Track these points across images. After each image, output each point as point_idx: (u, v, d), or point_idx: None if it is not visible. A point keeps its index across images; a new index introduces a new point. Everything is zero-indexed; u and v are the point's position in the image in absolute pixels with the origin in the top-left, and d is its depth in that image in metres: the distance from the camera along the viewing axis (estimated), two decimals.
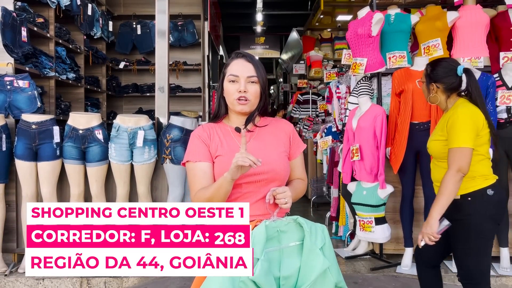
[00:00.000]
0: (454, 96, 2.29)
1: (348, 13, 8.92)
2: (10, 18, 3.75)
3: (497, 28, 3.77)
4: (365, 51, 3.79)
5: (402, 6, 4.14)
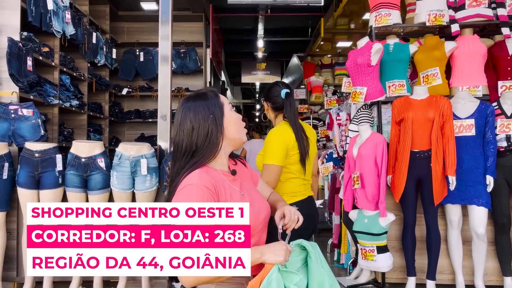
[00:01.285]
0: (280, 116, 2.58)
1: (348, 39, 9.06)
2: (16, 48, 3.83)
3: (494, 58, 3.83)
4: (364, 80, 3.84)
5: (401, 35, 4.21)
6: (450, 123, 3.46)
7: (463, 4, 3.83)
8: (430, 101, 3.57)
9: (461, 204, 3.53)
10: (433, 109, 3.48)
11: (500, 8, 3.75)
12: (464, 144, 3.52)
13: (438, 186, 3.42)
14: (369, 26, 4.08)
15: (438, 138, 3.44)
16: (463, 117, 3.56)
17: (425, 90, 3.63)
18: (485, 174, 3.46)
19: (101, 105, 6.22)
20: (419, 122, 3.50)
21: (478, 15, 3.77)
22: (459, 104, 3.61)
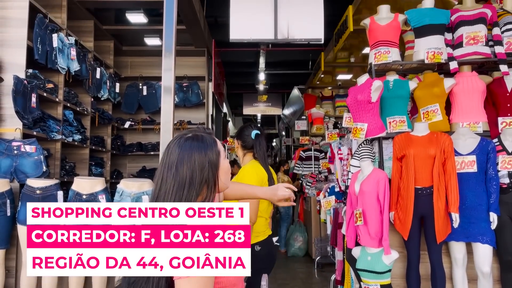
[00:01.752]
0: (249, 155, 2.78)
1: (348, 72, 9.18)
2: (21, 86, 3.89)
3: (494, 94, 3.87)
4: (365, 117, 3.87)
5: (400, 72, 4.27)
6: (451, 159, 3.46)
7: (460, 42, 3.90)
8: (431, 137, 3.58)
9: (465, 241, 3.49)
10: (434, 146, 3.49)
11: (498, 46, 3.81)
12: (466, 181, 3.51)
13: (441, 224, 3.39)
14: (369, 63, 4.14)
15: (440, 175, 3.44)
16: (464, 154, 3.56)
17: (426, 126, 3.65)
18: (489, 211, 3.43)
19: (103, 138, 6.26)
20: (420, 158, 3.50)
21: (476, 53, 3.83)
22: (460, 141, 3.62)
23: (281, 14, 4.25)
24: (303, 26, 4.24)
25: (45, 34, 4.35)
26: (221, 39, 7.84)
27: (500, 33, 3.86)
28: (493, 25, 3.88)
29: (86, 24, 5.75)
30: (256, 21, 4.25)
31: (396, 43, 4.07)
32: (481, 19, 3.86)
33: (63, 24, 4.90)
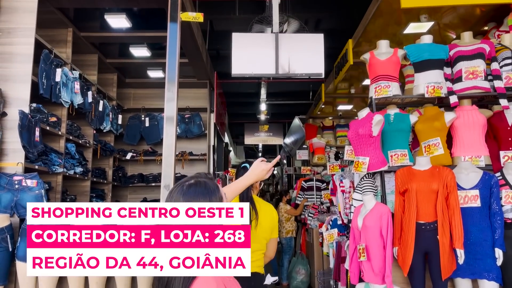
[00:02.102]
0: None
1: (349, 103, 9.25)
2: (26, 120, 3.92)
3: (494, 128, 3.88)
4: (367, 150, 3.88)
5: (401, 105, 4.30)
6: (454, 194, 3.44)
7: (460, 76, 3.94)
8: (433, 172, 3.57)
9: (471, 278, 3.42)
10: (436, 180, 3.48)
11: (497, 81, 3.84)
12: (470, 216, 3.47)
13: (446, 260, 3.33)
14: (369, 97, 4.17)
15: (444, 210, 3.41)
16: (467, 188, 3.54)
17: (428, 160, 3.65)
18: (494, 247, 3.38)
19: (104, 170, 6.25)
20: (423, 193, 3.48)
21: (475, 87, 3.86)
22: (463, 175, 3.60)
23: (282, 50, 4.32)
24: (304, 61, 4.30)
25: (50, 69, 4.42)
26: (223, 71, 7.95)
27: (499, 68, 3.91)
28: (491, 60, 3.93)
29: (90, 58, 5.85)
30: (258, 56, 4.31)
31: (396, 78, 4.12)
32: (479, 54, 3.91)
33: (67, 59, 4.98)
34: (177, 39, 4.39)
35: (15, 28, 4.17)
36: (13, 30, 4.17)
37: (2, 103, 3.95)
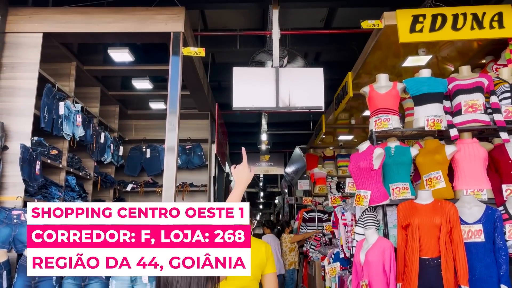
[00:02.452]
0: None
1: (349, 133, 9.27)
2: (28, 154, 3.93)
3: (496, 161, 3.86)
4: (368, 184, 3.85)
5: (401, 138, 4.30)
6: (458, 228, 3.39)
7: (459, 109, 3.96)
8: (435, 206, 3.53)
9: None
10: (439, 215, 3.44)
11: (497, 114, 3.86)
12: (474, 251, 3.42)
13: None
14: (370, 130, 4.18)
15: (447, 245, 3.35)
16: (470, 222, 3.50)
17: (430, 194, 3.62)
18: (499, 283, 3.31)
19: (105, 202, 6.21)
20: (426, 228, 3.43)
21: (475, 120, 3.87)
22: (465, 209, 3.57)
23: (282, 83, 4.37)
24: (304, 95, 4.34)
25: (52, 103, 4.46)
26: (225, 101, 8.02)
27: (498, 101, 3.93)
28: (490, 93, 3.96)
29: (93, 90, 5.92)
30: (258, 90, 4.36)
31: (395, 111, 4.14)
32: (478, 88, 3.94)
33: (70, 92, 5.04)
34: (179, 72, 4.46)
35: (19, 63, 4.24)
36: (17, 65, 4.24)
37: (4, 137, 3.97)
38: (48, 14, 4.46)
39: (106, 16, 4.45)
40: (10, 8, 4.40)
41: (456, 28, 4.32)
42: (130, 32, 4.51)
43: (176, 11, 4.51)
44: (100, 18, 4.44)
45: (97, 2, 4.48)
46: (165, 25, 4.48)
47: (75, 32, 4.48)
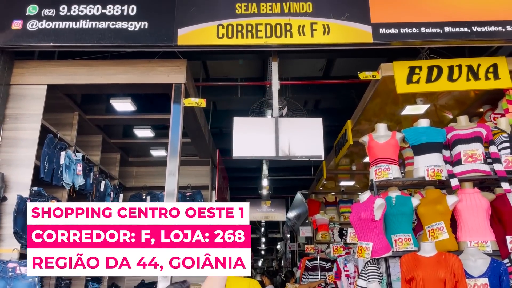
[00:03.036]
0: None
1: (351, 179, 9.24)
2: (23, 205, 3.90)
3: (498, 212, 3.82)
4: (370, 235, 3.79)
5: (402, 187, 4.28)
6: (463, 283, 3.30)
7: (459, 159, 3.96)
8: (439, 258, 3.46)
9: None
10: (443, 268, 3.36)
11: (497, 164, 3.85)
12: None
13: None
14: (370, 180, 4.17)
15: None
16: (475, 276, 3.41)
17: (433, 246, 3.55)
18: None
19: None
20: (430, 282, 3.34)
21: (475, 170, 3.86)
22: (470, 261, 3.49)
23: (282, 133, 4.41)
24: (304, 145, 4.37)
25: (53, 153, 4.48)
26: (226, 147, 8.05)
27: (498, 151, 3.93)
28: (489, 143, 3.97)
29: (94, 139, 5.97)
30: (258, 139, 4.40)
31: (395, 160, 4.14)
32: (476, 138, 3.96)
33: (72, 141, 5.08)
34: (180, 121, 4.52)
35: (23, 114, 4.31)
36: (21, 116, 4.31)
37: (3, 188, 3.96)
38: (53, 67, 4.58)
39: (109, 69, 4.57)
40: (16, 61, 4.52)
41: (452, 79, 4.40)
42: (133, 84, 4.61)
43: (178, 63, 4.63)
44: (104, 70, 4.56)
45: (101, 55, 4.60)
46: (167, 76, 4.59)
47: (79, 83, 4.58)
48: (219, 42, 4.29)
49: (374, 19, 4.31)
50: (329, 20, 4.29)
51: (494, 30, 4.24)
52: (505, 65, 4.40)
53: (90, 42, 4.29)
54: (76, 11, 4.35)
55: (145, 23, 4.33)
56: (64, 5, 4.37)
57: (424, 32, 4.26)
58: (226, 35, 4.28)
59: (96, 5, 4.38)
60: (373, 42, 4.27)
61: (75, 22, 4.31)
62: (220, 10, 4.38)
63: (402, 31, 4.26)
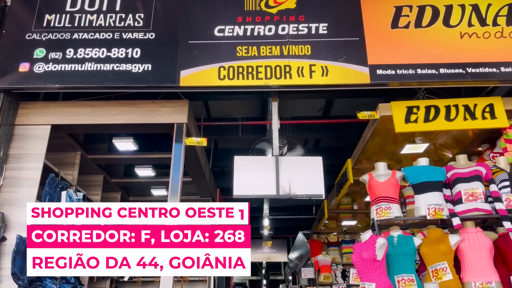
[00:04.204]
0: None
1: (353, 218, 9.17)
2: (23, 246, 3.86)
3: (502, 252, 3.78)
4: (372, 276, 3.73)
5: (403, 227, 4.25)
6: None
7: (460, 198, 3.96)
8: None
9: None
10: None
11: (498, 203, 3.84)
12: None
13: None
14: (371, 219, 4.15)
15: None
16: None
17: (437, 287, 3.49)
18: None
19: None
20: None
21: (476, 209, 3.85)
22: None
23: (282, 172, 4.44)
24: (304, 183, 4.39)
25: (54, 192, 4.49)
26: (227, 186, 8.06)
27: (498, 190, 3.94)
28: (489, 182, 3.98)
29: (95, 178, 6.00)
30: (259, 178, 4.42)
31: (396, 199, 4.14)
32: (476, 177, 3.97)
33: (73, 181, 5.10)
34: (181, 160, 4.55)
35: (26, 154, 4.35)
36: (23, 155, 4.34)
37: (3, 228, 3.94)
38: (57, 107, 4.67)
39: (112, 109, 4.65)
40: (21, 102, 4.61)
41: (449, 118, 4.47)
42: (135, 124, 4.68)
43: (180, 104, 4.72)
44: (107, 110, 4.64)
45: (105, 96, 4.70)
46: (169, 116, 4.67)
47: (82, 124, 4.65)
48: (220, 83, 4.40)
49: (371, 60, 4.43)
50: (327, 62, 4.41)
51: (489, 71, 4.35)
52: (501, 104, 4.48)
53: (94, 83, 4.40)
54: (82, 54, 4.49)
55: (149, 65, 4.46)
56: (71, 48, 4.52)
57: (420, 73, 4.37)
58: (227, 76, 4.40)
59: (101, 48, 4.52)
60: (371, 83, 4.37)
61: (81, 65, 4.44)
62: (222, 53, 4.51)
63: (398, 72, 4.37)
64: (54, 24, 4.66)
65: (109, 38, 4.59)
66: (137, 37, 4.60)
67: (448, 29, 4.58)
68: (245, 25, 4.65)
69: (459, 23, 4.59)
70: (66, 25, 4.65)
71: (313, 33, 4.60)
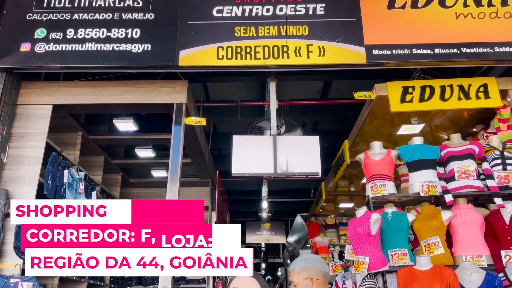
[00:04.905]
0: None
1: (350, 201, 9.29)
2: None
3: (492, 227, 3.89)
4: (366, 250, 3.85)
5: (398, 204, 4.35)
6: None
7: (453, 176, 4.05)
8: (434, 272, 3.51)
9: None
10: (438, 282, 3.41)
11: (489, 180, 3.94)
12: None
13: None
14: (366, 196, 4.25)
15: None
16: None
17: (428, 260, 3.61)
18: None
19: None
20: None
21: (468, 186, 3.95)
22: (465, 275, 3.54)
23: (280, 151, 4.52)
24: (301, 162, 4.47)
25: (57, 171, 4.58)
26: (226, 169, 8.15)
27: (490, 168, 4.03)
28: (482, 160, 4.08)
29: (96, 159, 6.09)
30: (257, 157, 4.50)
31: (391, 177, 4.24)
32: (469, 155, 4.07)
33: (75, 160, 5.19)
34: (181, 141, 4.63)
35: (28, 133, 4.43)
36: (26, 134, 4.42)
37: (7, 204, 4.04)
38: (58, 88, 4.73)
39: (113, 89, 4.72)
40: (23, 82, 4.68)
41: (444, 98, 4.54)
42: (135, 104, 4.75)
43: (179, 84, 4.79)
44: (107, 90, 4.71)
45: (105, 76, 4.76)
46: (169, 96, 4.74)
47: (83, 103, 4.72)
48: (219, 63, 4.46)
49: (367, 41, 4.49)
50: (324, 42, 4.47)
51: (483, 51, 4.41)
52: (495, 84, 4.55)
53: (95, 63, 4.46)
54: (82, 34, 4.54)
55: (148, 45, 4.51)
56: (71, 29, 4.56)
57: (415, 53, 4.43)
58: (225, 56, 4.46)
59: (101, 28, 4.57)
60: (367, 62, 4.43)
61: (81, 45, 4.49)
62: (220, 33, 4.56)
63: (394, 52, 4.43)
64: (54, 4, 4.70)
65: (109, 18, 4.63)
66: (136, 17, 4.65)
67: (444, 9, 4.63)
68: (244, 6, 4.69)
69: (455, 4, 4.63)
70: (66, 5, 4.69)
71: (311, 13, 4.64)
